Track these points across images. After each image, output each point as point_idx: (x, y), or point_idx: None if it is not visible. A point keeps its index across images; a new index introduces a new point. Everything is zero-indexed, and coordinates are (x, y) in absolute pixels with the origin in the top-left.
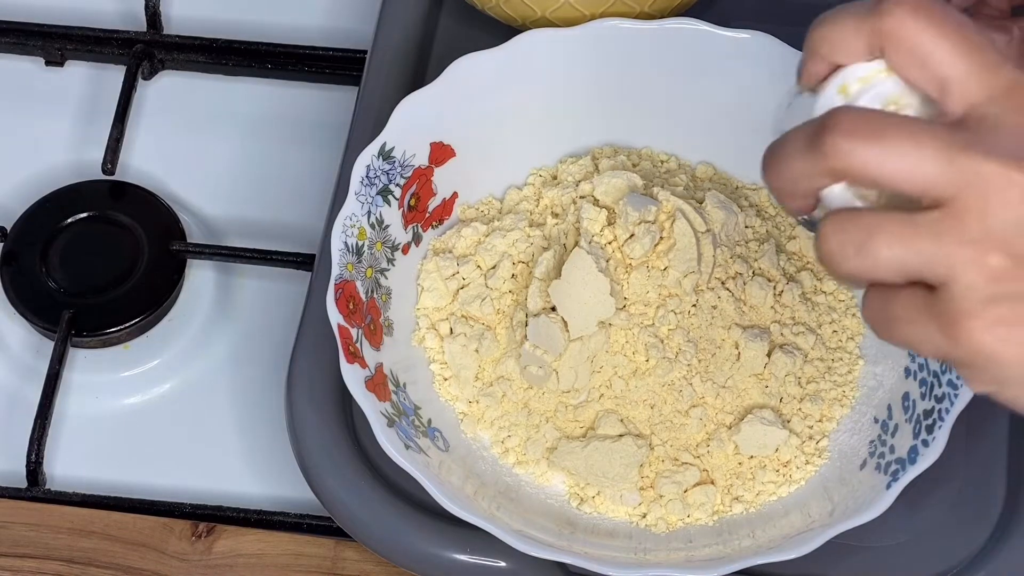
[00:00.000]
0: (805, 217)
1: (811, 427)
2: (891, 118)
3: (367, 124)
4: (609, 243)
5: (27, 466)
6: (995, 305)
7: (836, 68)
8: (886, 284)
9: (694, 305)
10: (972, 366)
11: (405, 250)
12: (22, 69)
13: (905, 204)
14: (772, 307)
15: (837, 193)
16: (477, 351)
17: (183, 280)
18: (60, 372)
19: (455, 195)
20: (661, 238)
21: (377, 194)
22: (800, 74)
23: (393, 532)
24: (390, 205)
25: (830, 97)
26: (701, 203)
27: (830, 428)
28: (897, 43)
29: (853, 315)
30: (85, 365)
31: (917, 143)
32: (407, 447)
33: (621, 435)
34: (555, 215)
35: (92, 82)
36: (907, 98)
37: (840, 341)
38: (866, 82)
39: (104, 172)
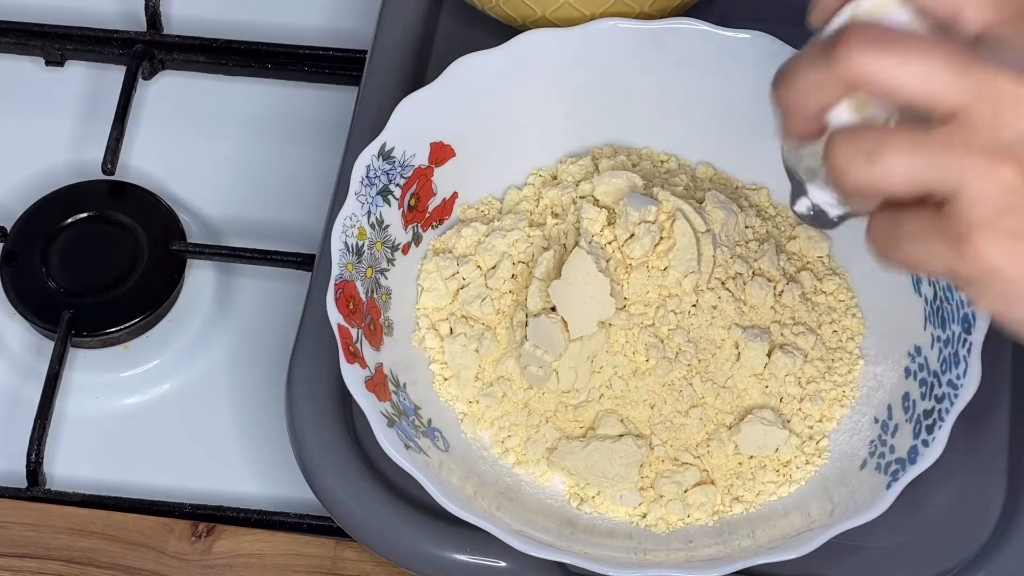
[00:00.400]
0: (811, 210)
1: (811, 427)
2: (904, 33)
3: (367, 124)
4: (609, 243)
5: (27, 466)
6: (1004, 217)
7: (847, 2)
8: (893, 204)
9: (694, 305)
10: (979, 282)
11: (405, 250)
12: (22, 69)
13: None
14: (772, 307)
15: (844, 120)
16: (477, 351)
17: (183, 280)
18: (60, 372)
19: (455, 195)
20: (661, 238)
21: (377, 194)
22: (812, 11)
23: (393, 532)
24: (390, 205)
25: (841, 20)
26: (701, 203)
27: (830, 428)
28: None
29: (853, 315)
30: (85, 365)
31: (931, 52)
32: (407, 447)
33: (621, 435)
34: (555, 215)
35: (92, 82)
36: (918, 28)
37: (840, 341)
38: (878, 11)
39: (104, 172)
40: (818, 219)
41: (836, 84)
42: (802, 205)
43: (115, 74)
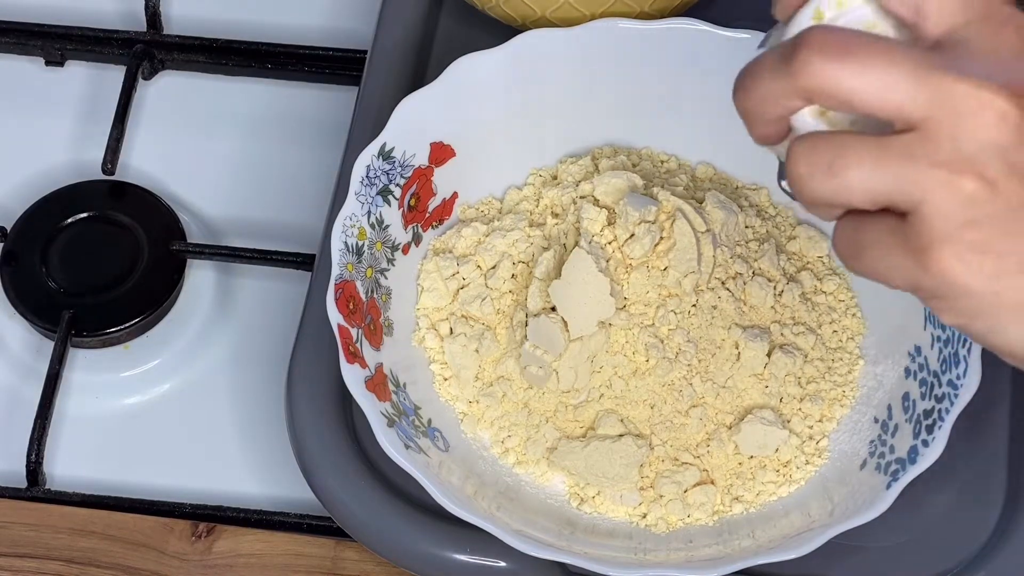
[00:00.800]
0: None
1: (811, 427)
2: (865, 37)
3: (367, 124)
4: (609, 243)
5: (27, 466)
6: (966, 231)
7: None
8: (857, 213)
9: (694, 305)
10: (942, 296)
11: (405, 250)
12: (22, 69)
13: (877, 134)
14: (772, 307)
15: (808, 123)
16: (477, 351)
17: (183, 280)
18: (60, 372)
19: (455, 195)
20: (661, 238)
21: (377, 194)
22: (775, 5)
23: (393, 532)
24: (390, 205)
25: (803, 22)
26: (701, 203)
27: (830, 428)
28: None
29: (853, 315)
30: (85, 365)
31: (891, 61)
32: (407, 447)
33: (621, 435)
34: (555, 215)
35: (92, 82)
36: (882, 24)
37: (840, 341)
38: (841, 6)
39: (104, 172)
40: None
41: (796, 92)
42: (787, 183)
43: (115, 74)
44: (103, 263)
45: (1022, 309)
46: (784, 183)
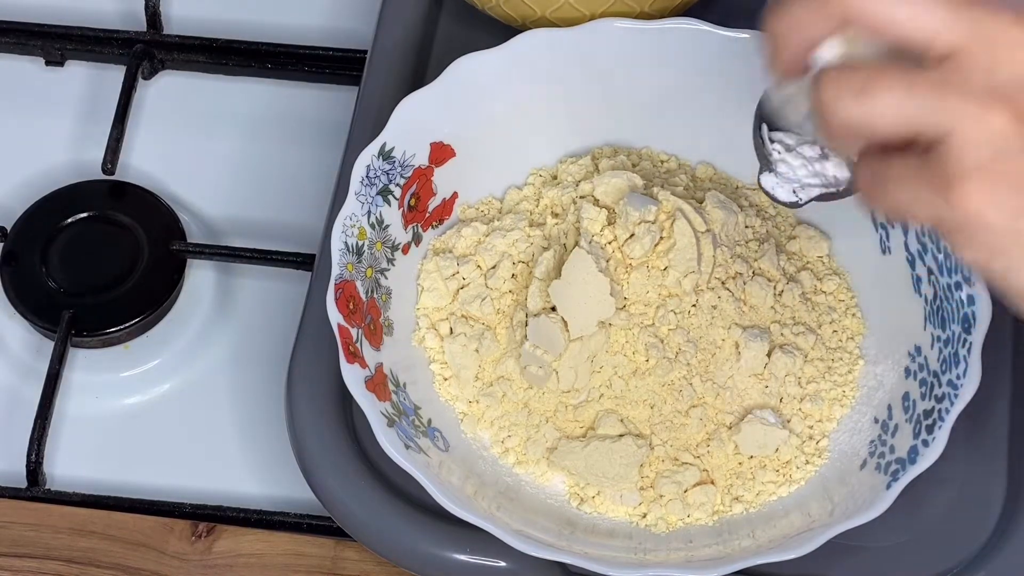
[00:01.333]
0: (775, 187)
1: (811, 427)
2: None
3: (367, 124)
4: (609, 243)
5: (27, 466)
6: (994, 163)
7: None
8: (881, 148)
9: (694, 305)
10: (964, 230)
11: (405, 250)
12: (22, 69)
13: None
14: (772, 307)
15: (832, 56)
16: (477, 351)
17: (183, 280)
18: (60, 372)
19: (455, 195)
20: (661, 238)
21: (377, 194)
22: None
23: (393, 532)
24: (390, 205)
25: None
26: (701, 203)
27: (830, 428)
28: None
29: (853, 315)
30: (85, 365)
31: None
32: (407, 447)
33: (621, 435)
34: (555, 215)
35: (92, 82)
36: None
37: (840, 341)
38: None
39: (104, 172)
40: (786, 195)
41: (829, 18)
42: (768, 181)
43: (115, 74)
44: (103, 263)
45: None
46: (763, 179)
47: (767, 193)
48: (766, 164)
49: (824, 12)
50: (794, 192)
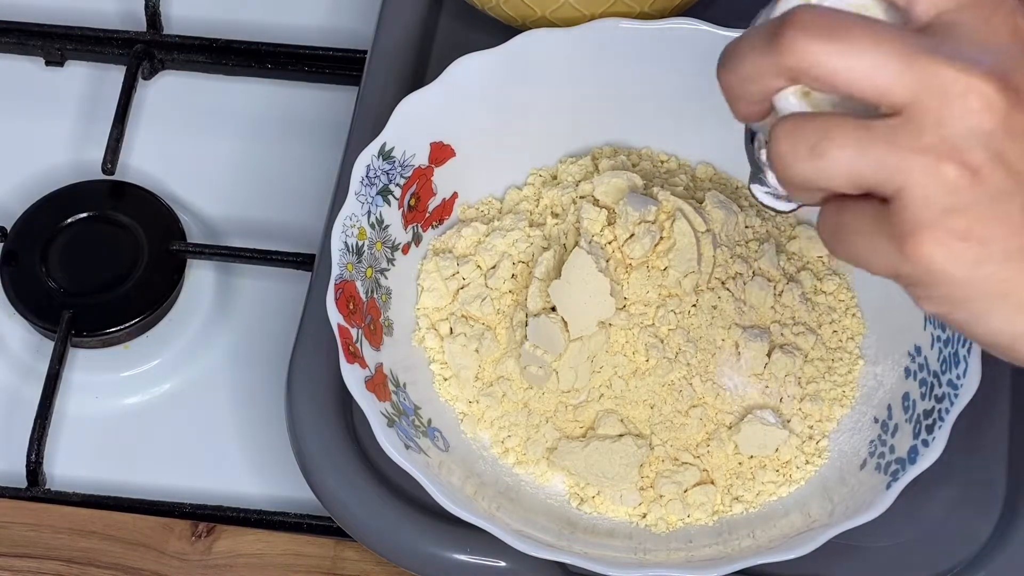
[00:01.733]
0: (767, 195)
1: (811, 427)
2: (853, 17)
3: (367, 124)
4: (609, 243)
5: (27, 466)
6: (948, 218)
7: None
8: (840, 197)
9: (694, 305)
10: (922, 283)
11: (405, 250)
12: (22, 69)
13: (862, 117)
14: (772, 307)
15: (791, 104)
16: (477, 351)
17: (183, 280)
18: (60, 372)
19: (455, 195)
20: (661, 238)
21: (377, 194)
22: None
23: (393, 532)
24: (390, 205)
25: (792, 1)
26: (701, 203)
27: (830, 428)
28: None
29: (853, 315)
30: (85, 365)
31: (878, 43)
32: (407, 447)
33: (621, 435)
34: (555, 215)
35: (92, 82)
36: (872, 6)
37: (840, 341)
38: None
39: (104, 172)
40: (776, 201)
41: (779, 74)
42: (759, 190)
43: (115, 74)
44: (103, 263)
45: (1003, 298)
46: (754, 187)
47: (757, 200)
48: (757, 172)
49: (775, 66)
50: (784, 199)
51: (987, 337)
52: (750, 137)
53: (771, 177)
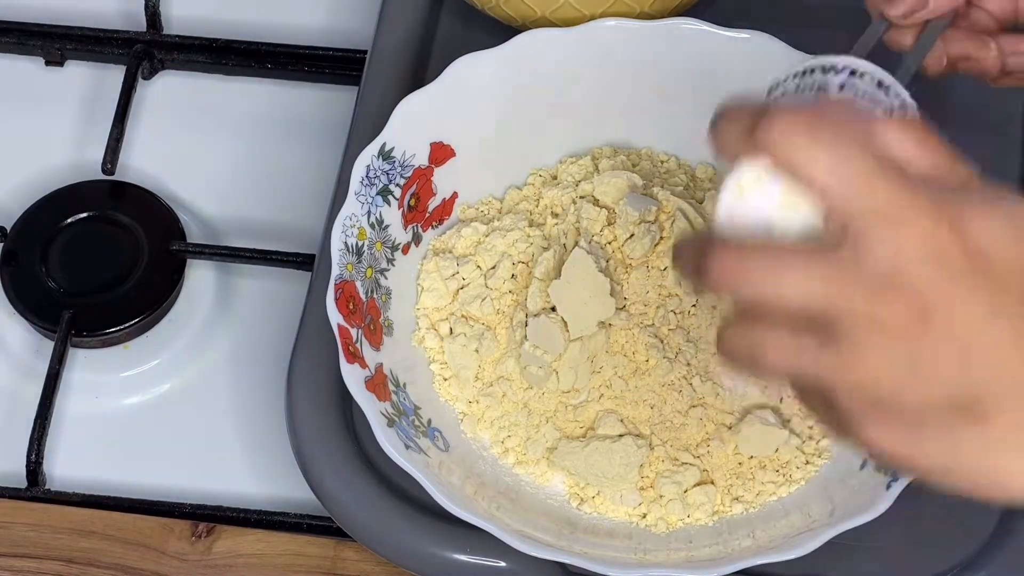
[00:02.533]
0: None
1: (811, 427)
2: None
3: (367, 124)
4: (609, 243)
5: (27, 466)
6: (878, 406)
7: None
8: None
9: (694, 305)
10: (876, 456)
11: (405, 250)
12: (22, 69)
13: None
14: None
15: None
16: (477, 351)
17: (183, 280)
18: (60, 372)
19: (455, 195)
20: (661, 238)
21: (377, 194)
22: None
23: (393, 532)
24: (390, 205)
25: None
26: (701, 203)
27: None
28: (774, 154)
29: None
30: (85, 365)
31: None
32: (407, 447)
33: (621, 435)
34: (555, 215)
35: (92, 82)
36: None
37: None
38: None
39: (104, 172)
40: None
41: (752, 148)
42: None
43: (115, 74)
44: (103, 263)
45: (950, 464)
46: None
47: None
48: None
49: (748, 143)
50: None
51: (944, 487)
52: None
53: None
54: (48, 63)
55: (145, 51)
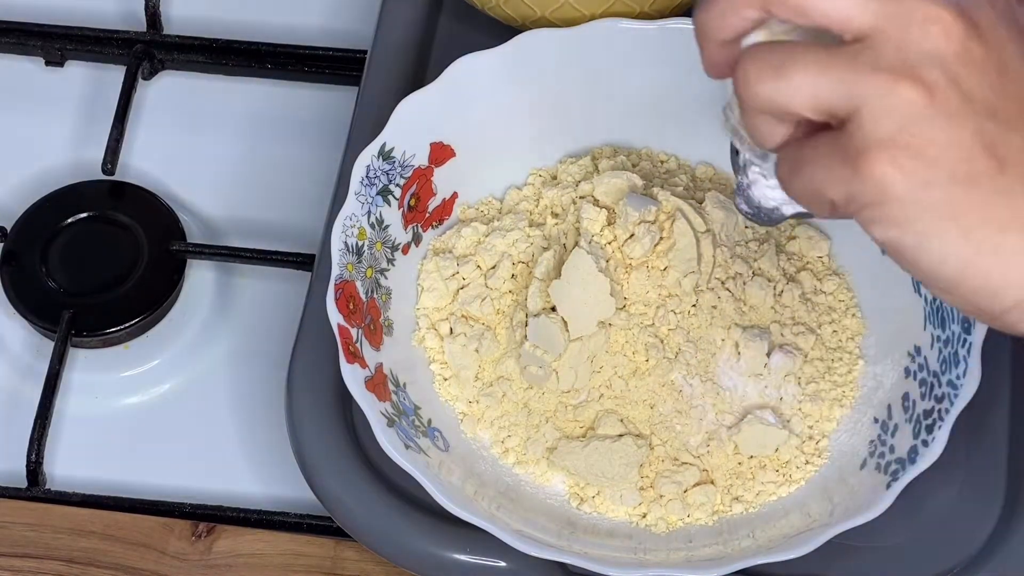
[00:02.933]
0: (752, 208)
1: (811, 427)
2: None
3: (367, 124)
4: (609, 243)
5: (27, 466)
6: (901, 135)
7: None
8: (798, 140)
9: (694, 305)
10: (875, 203)
11: (405, 250)
12: (22, 69)
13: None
14: (772, 307)
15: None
16: (477, 351)
17: (183, 280)
18: (60, 372)
19: (455, 195)
20: (661, 238)
21: (377, 194)
22: None
23: (393, 532)
24: (390, 205)
25: None
26: (701, 203)
27: (830, 428)
28: None
29: (853, 315)
30: (85, 365)
31: None
32: (407, 447)
33: (621, 435)
34: (555, 215)
35: (92, 82)
36: None
37: (840, 341)
38: None
39: (104, 172)
40: (760, 216)
41: (750, 6)
42: (744, 202)
43: (115, 74)
44: (103, 263)
45: (949, 220)
46: (739, 201)
47: (743, 213)
48: (741, 187)
49: (745, 1)
50: (767, 214)
51: (934, 266)
52: (734, 151)
53: (755, 190)
54: (48, 63)
55: (145, 51)
